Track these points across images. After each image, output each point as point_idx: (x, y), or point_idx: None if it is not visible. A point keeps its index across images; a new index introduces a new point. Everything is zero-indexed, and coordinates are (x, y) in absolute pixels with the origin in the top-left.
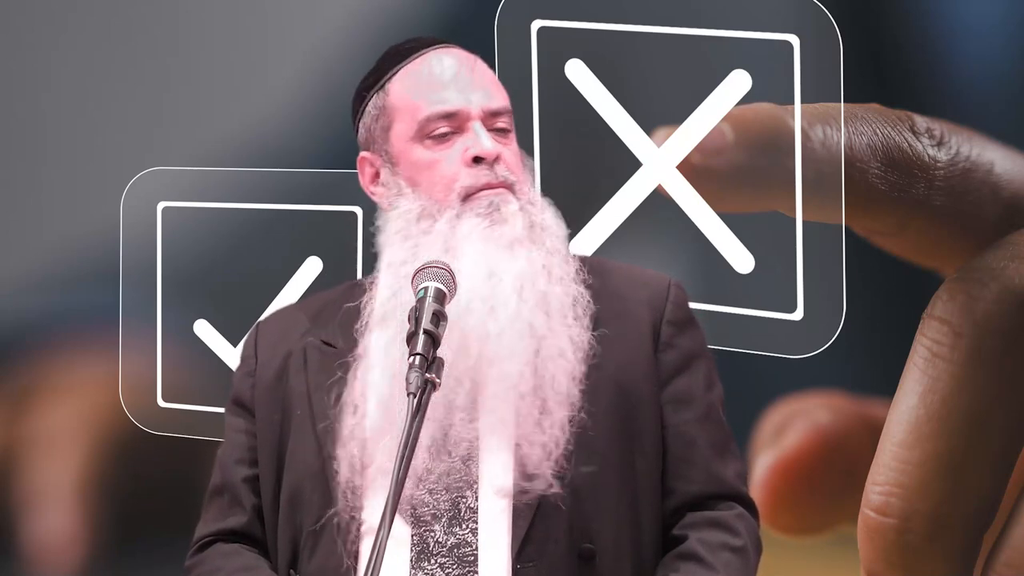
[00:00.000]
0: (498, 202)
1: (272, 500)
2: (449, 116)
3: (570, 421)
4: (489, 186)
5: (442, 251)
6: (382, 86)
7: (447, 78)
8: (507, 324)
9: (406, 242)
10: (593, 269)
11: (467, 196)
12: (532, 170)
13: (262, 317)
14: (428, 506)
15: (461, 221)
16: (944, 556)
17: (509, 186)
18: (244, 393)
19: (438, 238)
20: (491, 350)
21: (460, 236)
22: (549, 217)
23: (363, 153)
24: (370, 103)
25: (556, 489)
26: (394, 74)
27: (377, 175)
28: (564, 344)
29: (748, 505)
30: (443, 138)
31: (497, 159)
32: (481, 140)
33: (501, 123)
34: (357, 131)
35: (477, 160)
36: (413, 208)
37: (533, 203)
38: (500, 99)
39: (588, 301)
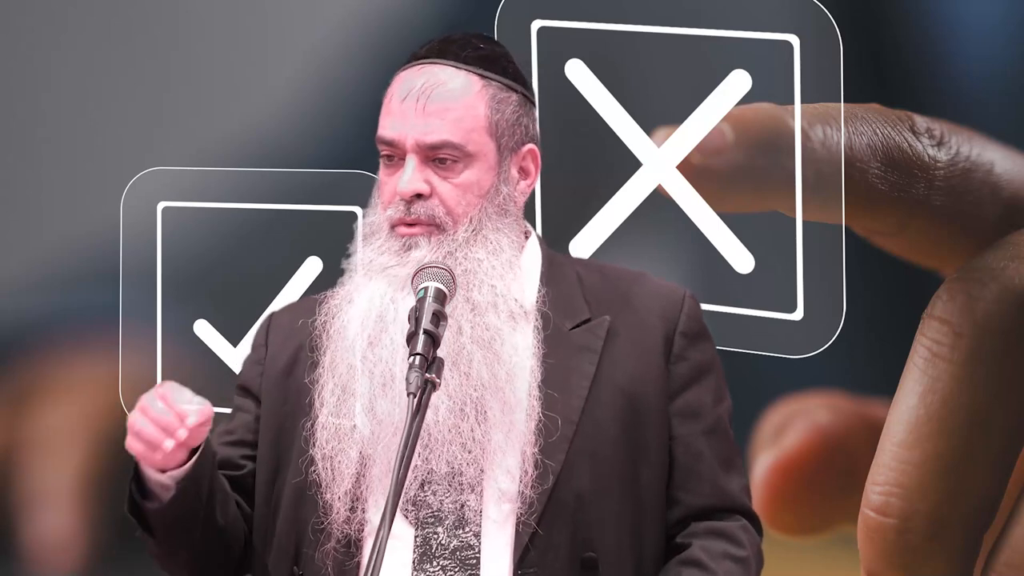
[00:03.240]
0: (410, 243)
1: (266, 485)
2: (389, 143)
3: (535, 443)
4: (403, 222)
5: (364, 275)
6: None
7: (397, 103)
8: (395, 363)
9: (360, 254)
10: (606, 276)
11: (392, 226)
12: (501, 193)
13: (276, 308)
14: (432, 508)
15: (381, 252)
16: (944, 556)
17: (427, 222)
18: (252, 381)
19: (366, 258)
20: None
21: (374, 269)
22: (474, 250)
23: None
24: None
25: (559, 495)
26: (393, 81)
27: None
28: (486, 377)
29: (752, 518)
30: (388, 161)
31: (420, 196)
32: (402, 178)
33: (443, 155)
34: None
35: (403, 195)
36: (369, 222)
37: (467, 238)
38: (444, 132)
39: (582, 313)
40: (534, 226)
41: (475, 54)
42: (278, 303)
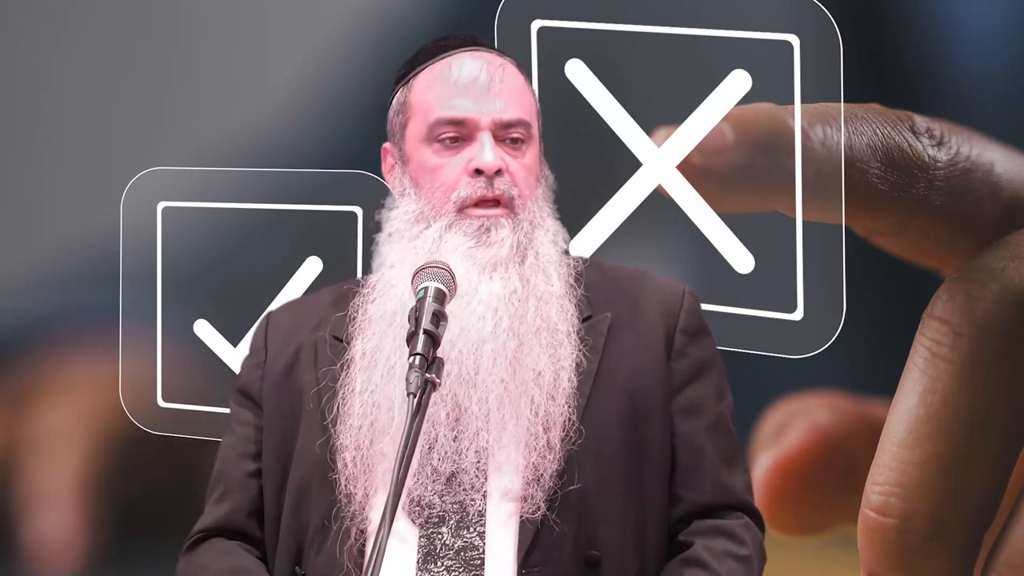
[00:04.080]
0: (489, 225)
1: (275, 494)
2: (458, 123)
3: (562, 440)
4: (484, 199)
5: (427, 258)
6: (407, 81)
7: (463, 84)
8: (474, 347)
9: (398, 244)
10: (607, 275)
11: (462, 207)
12: (547, 179)
13: (273, 308)
14: (436, 508)
15: (450, 234)
16: (944, 556)
17: (507, 201)
18: (252, 385)
19: (426, 244)
20: (466, 369)
21: (446, 250)
22: (544, 233)
23: (386, 144)
24: (396, 96)
25: (562, 494)
26: (420, 71)
27: (393, 167)
28: (543, 365)
29: (754, 516)
30: (451, 144)
31: (499, 172)
32: (484, 153)
33: (515, 134)
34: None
35: (478, 172)
36: (411, 210)
37: (532, 220)
38: (517, 110)
39: (584, 311)
40: None
41: (502, 50)
42: (278, 303)
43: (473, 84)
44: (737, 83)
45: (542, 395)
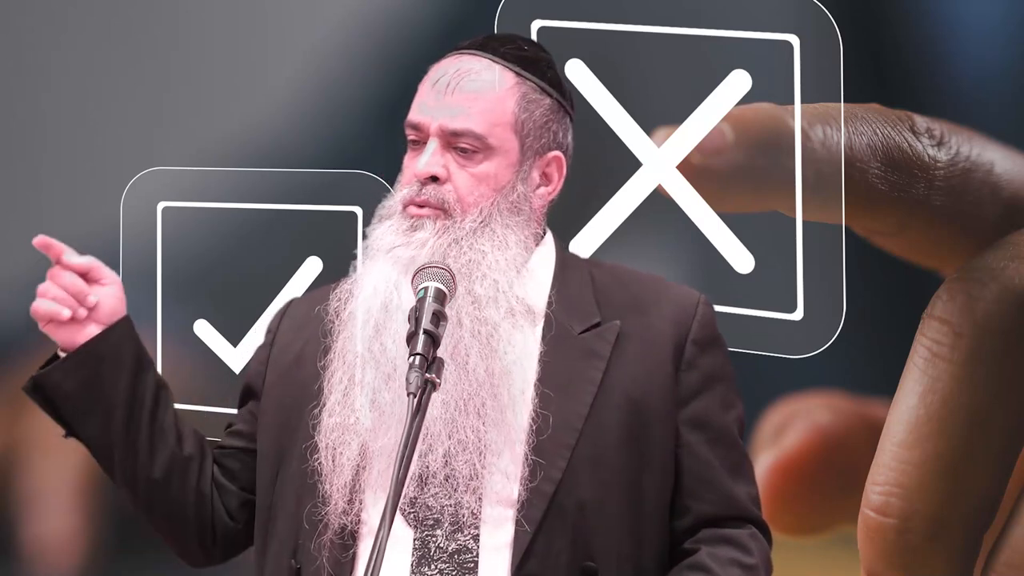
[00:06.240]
0: (415, 225)
1: (269, 484)
2: (414, 127)
3: (561, 447)
4: (414, 203)
5: (371, 255)
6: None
7: (429, 87)
8: (398, 354)
9: (367, 239)
10: (620, 279)
11: (404, 207)
12: (518, 191)
13: (297, 295)
14: (432, 510)
15: (389, 232)
16: (944, 556)
17: (437, 207)
18: (258, 367)
19: (375, 237)
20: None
21: (382, 247)
22: (490, 242)
23: None
24: None
25: (559, 502)
26: (429, 71)
27: None
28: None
29: (762, 528)
30: (413, 145)
31: (436, 179)
32: (421, 157)
33: (463, 144)
34: None
35: (419, 175)
36: (385, 206)
37: (472, 229)
38: (469, 120)
39: (593, 316)
40: None
41: (516, 53)
42: (278, 303)
43: (435, 88)
44: (737, 83)
45: (492, 402)
